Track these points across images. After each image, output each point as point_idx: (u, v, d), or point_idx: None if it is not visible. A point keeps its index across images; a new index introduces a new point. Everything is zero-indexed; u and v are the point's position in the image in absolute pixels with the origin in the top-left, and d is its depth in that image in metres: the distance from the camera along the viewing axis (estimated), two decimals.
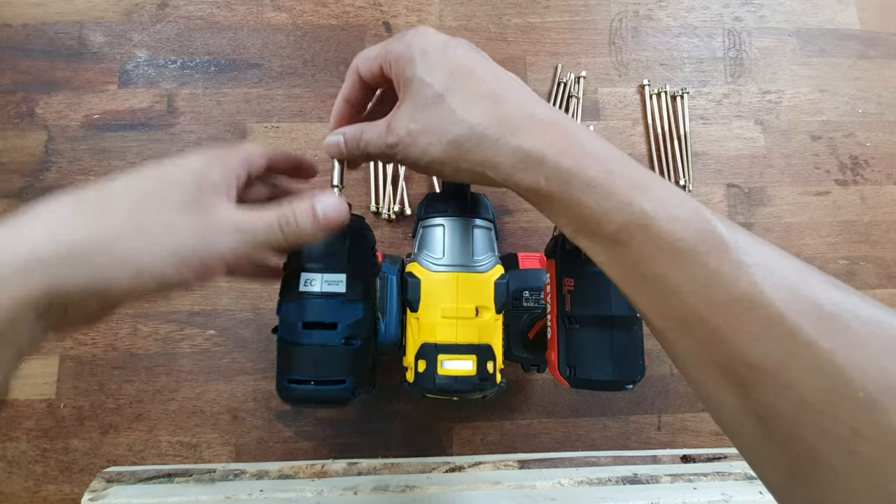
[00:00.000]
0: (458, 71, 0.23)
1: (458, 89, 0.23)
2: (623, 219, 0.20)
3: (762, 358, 0.17)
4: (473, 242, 0.33)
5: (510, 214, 0.51)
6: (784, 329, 0.17)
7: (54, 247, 0.20)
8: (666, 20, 0.56)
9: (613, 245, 0.21)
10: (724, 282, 0.18)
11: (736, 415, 0.19)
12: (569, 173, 0.21)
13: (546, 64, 0.54)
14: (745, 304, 0.18)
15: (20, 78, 0.50)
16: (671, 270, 0.19)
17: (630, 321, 0.35)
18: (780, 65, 0.56)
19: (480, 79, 0.23)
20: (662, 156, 0.52)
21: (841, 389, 0.16)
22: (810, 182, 0.53)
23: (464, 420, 0.47)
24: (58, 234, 0.20)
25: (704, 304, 0.18)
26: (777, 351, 0.17)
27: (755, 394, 0.18)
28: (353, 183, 0.50)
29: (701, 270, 0.19)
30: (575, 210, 0.21)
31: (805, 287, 0.18)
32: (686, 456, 0.43)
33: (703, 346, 0.19)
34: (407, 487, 0.38)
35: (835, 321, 0.17)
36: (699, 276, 0.19)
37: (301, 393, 0.28)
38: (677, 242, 0.19)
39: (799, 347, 0.17)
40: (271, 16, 0.53)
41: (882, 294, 0.51)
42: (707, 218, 0.19)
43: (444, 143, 0.23)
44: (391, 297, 0.34)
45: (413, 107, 0.24)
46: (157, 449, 0.45)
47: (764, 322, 0.17)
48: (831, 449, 0.16)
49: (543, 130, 0.22)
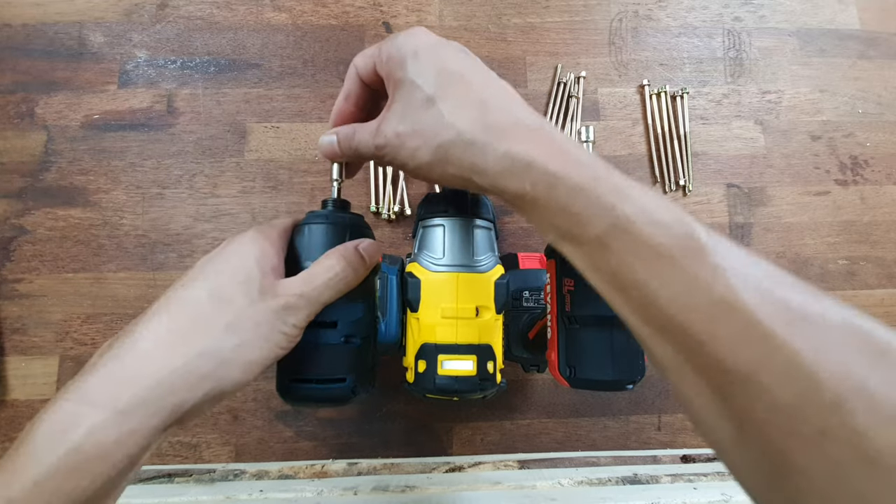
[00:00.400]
0: (448, 75, 0.24)
1: (447, 94, 0.23)
2: (606, 223, 0.20)
3: (738, 362, 0.17)
4: (473, 242, 0.33)
5: (510, 214, 0.51)
6: (758, 332, 0.17)
7: (173, 374, 0.22)
8: (666, 20, 0.56)
9: (596, 250, 0.21)
10: (702, 286, 0.18)
11: (715, 420, 0.19)
12: (555, 178, 0.21)
13: (546, 64, 0.54)
14: (721, 307, 0.18)
15: (20, 78, 0.50)
16: (651, 276, 0.19)
17: None
18: (780, 65, 0.56)
19: (470, 84, 0.24)
20: (662, 156, 0.52)
21: (810, 391, 0.16)
22: (810, 182, 0.53)
23: (464, 420, 0.47)
24: (173, 359, 0.22)
25: (683, 311, 0.19)
26: (751, 354, 0.17)
27: (732, 398, 0.18)
28: (353, 183, 0.50)
29: (679, 275, 0.19)
30: (560, 215, 0.21)
31: (778, 290, 0.18)
32: (686, 456, 0.43)
33: (683, 351, 0.19)
34: (407, 487, 0.38)
35: (805, 323, 0.17)
36: (678, 282, 0.19)
37: (302, 392, 0.28)
38: (657, 247, 0.19)
39: (771, 350, 0.17)
40: (271, 16, 0.53)
41: (882, 294, 0.51)
42: (687, 223, 0.19)
43: (431, 147, 0.23)
44: (391, 297, 0.34)
45: (403, 109, 0.24)
46: (157, 449, 0.45)
47: (739, 326, 0.17)
48: (801, 450, 0.16)
49: (530, 136, 0.22)
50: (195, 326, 0.23)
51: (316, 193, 0.50)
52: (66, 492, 0.20)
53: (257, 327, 0.24)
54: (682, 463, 0.43)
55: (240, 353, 0.24)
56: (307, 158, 0.50)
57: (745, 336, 0.17)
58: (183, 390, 0.22)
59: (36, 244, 0.47)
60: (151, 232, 0.48)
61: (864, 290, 0.51)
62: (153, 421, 0.22)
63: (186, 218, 0.49)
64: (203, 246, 0.48)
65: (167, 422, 0.22)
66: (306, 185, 0.50)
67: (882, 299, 0.50)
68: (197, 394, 0.23)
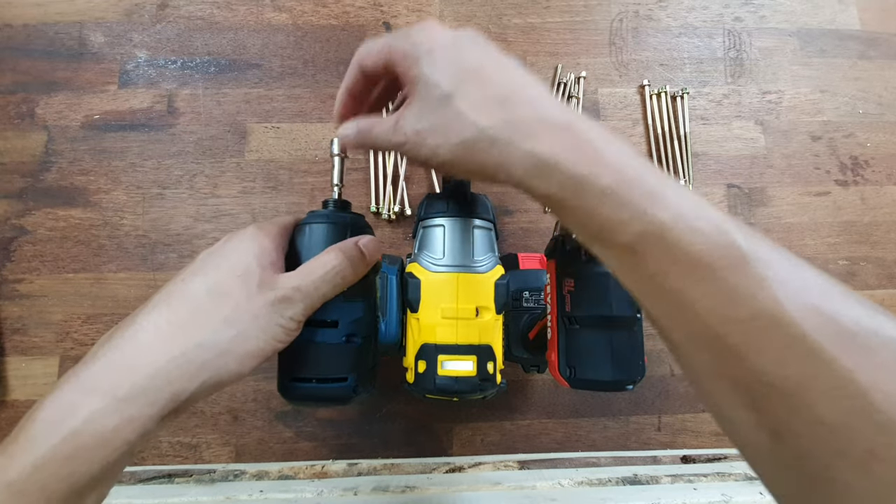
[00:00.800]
0: (466, 70, 0.23)
1: (466, 90, 0.22)
2: (639, 228, 0.19)
3: (781, 377, 0.17)
4: (473, 243, 0.33)
5: (510, 214, 0.51)
6: (804, 348, 0.16)
7: (171, 363, 0.23)
8: (666, 20, 0.56)
9: (628, 255, 0.20)
10: (744, 298, 0.18)
11: (748, 429, 0.19)
12: (583, 181, 0.20)
13: (546, 64, 0.54)
14: (764, 320, 0.17)
15: (20, 78, 0.50)
16: (688, 285, 0.19)
17: (630, 321, 0.35)
18: (781, 65, 0.56)
19: (489, 78, 0.23)
20: (662, 156, 0.52)
21: (860, 410, 0.16)
22: (810, 182, 0.53)
23: (464, 420, 0.47)
24: (172, 349, 0.23)
25: (722, 321, 0.18)
26: (797, 370, 0.17)
27: (771, 410, 0.18)
28: (353, 183, 0.50)
29: (720, 286, 0.18)
30: (589, 218, 0.21)
31: (826, 303, 0.17)
32: (686, 456, 0.43)
33: (719, 361, 0.19)
34: (407, 488, 0.38)
35: (856, 340, 0.16)
36: (718, 292, 0.18)
37: (303, 391, 0.28)
38: (695, 256, 0.18)
39: (819, 367, 0.16)
40: (271, 16, 0.53)
41: (882, 294, 0.51)
42: (726, 229, 0.18)
43: (452, 145, 0.23)
44: (391, 297, 0.34)
45: (421, 107, 0.24)
46: (157, 449, 0.45)
47: (784, 341, 0.17)
48: (847, 469, 0.16)
49: (556, 135, 0.21)
50: (194, 319, 0.24)
51: (316, 193, 0.50)
52: (63, 476, 0.20)
53: (255, 320, 0.24)
54: (682, 463, 0.43)
55: (237, 344, 0.24)
56: (307, 159, 0.50)
57: (791, 351, 0.17)
58: (181, 380, 0.23)
59: (36, 244, 0.48)
60: (152, 232, 0.48)
61: (865, 291, 0.51)
62: (152, 409, 0.22)
63: (187, 218, 0.49)
64: (203, 246, 0.48)
65: (165, 410, 0.22)
66: (306, 185, 0.50)
67: (882, 300, 0.50)
68: (194, 383, 0.23)
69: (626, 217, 0.20)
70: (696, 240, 0.18)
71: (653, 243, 0.19)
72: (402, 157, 0.50)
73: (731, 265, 0.18)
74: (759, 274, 0.18)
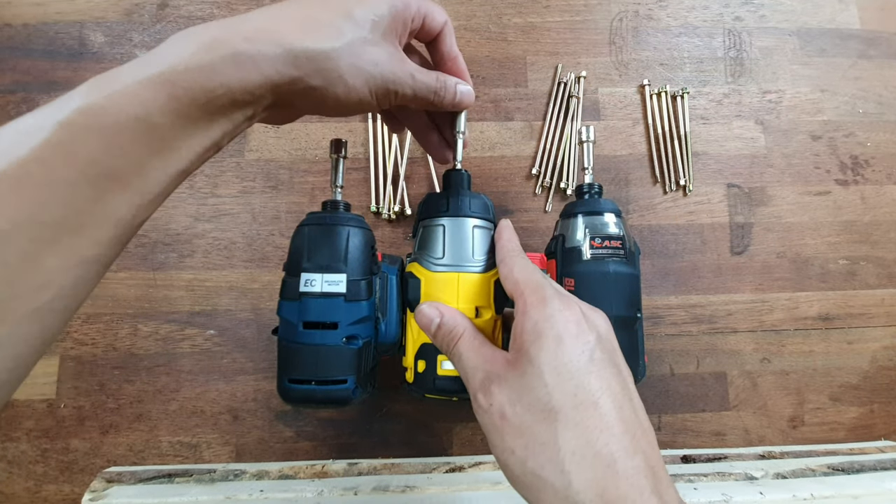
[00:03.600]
0: (582, 394, 0.21)
1: (573, 421, 0.20)
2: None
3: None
4: (473, 242, 0.33)
5: (510, 214, 0.51)
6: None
7: (300, 48, 0.22)
8: (666, 20, 0.56)
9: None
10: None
11: None
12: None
13: (546, 64, 0.54)
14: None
15: (20, 78, 0.50)
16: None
17: (630, 321, 0.35)
18: (781, 64, 0.56)
19: (601, 418, 0.20)
20: (662, 156, 0.52)
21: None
22: (810, 182, 0.53)
23: (464, 420, 0.47)
24: (304, 40, 0.22)
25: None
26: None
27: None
28: (354, 183, 0.50)
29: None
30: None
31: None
32: (686, 456, 0.43)
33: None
34: (407, 488, 0.38)
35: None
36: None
37: (302, 393, 0.28)
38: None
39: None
40: None
41: (882, 294, 0.51)
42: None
43: (529, 467, 0.21)
44: (391, 297, 0.34)
45: (519, 391, 0.22)
46: (157, 449, 0.45)
47: None
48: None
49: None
50: (323, 29, 0.23)
51: (316, 193, 0.50)
52: (194, 87, 0.20)
53: (372, 65, 0.24)
54: (682, 463, 0.43)
55: (349, 72, 0.23)
56: (307, 158, 0.50)
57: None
58: (307, 63, 0.22)
59: None
60: (151, 232, 0.48)
61: (865, 290, 0.51)
62: (276, 75, 0.22)
63: (187, 218, 0.49)
64: (203, 246, 0.48)
65: (280, 87, 0.22)
66: (307, 184, 0.50)
67: (882, 299, 0.50)
68: (310, 79, 0.23)
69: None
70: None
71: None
72: (403, 157, 0.50)
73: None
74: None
